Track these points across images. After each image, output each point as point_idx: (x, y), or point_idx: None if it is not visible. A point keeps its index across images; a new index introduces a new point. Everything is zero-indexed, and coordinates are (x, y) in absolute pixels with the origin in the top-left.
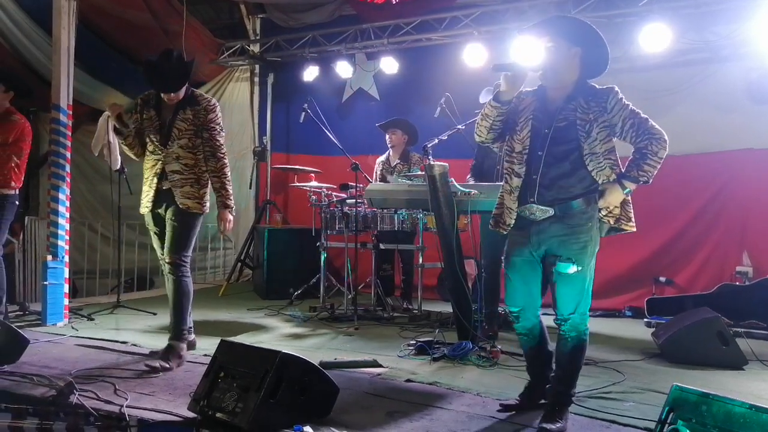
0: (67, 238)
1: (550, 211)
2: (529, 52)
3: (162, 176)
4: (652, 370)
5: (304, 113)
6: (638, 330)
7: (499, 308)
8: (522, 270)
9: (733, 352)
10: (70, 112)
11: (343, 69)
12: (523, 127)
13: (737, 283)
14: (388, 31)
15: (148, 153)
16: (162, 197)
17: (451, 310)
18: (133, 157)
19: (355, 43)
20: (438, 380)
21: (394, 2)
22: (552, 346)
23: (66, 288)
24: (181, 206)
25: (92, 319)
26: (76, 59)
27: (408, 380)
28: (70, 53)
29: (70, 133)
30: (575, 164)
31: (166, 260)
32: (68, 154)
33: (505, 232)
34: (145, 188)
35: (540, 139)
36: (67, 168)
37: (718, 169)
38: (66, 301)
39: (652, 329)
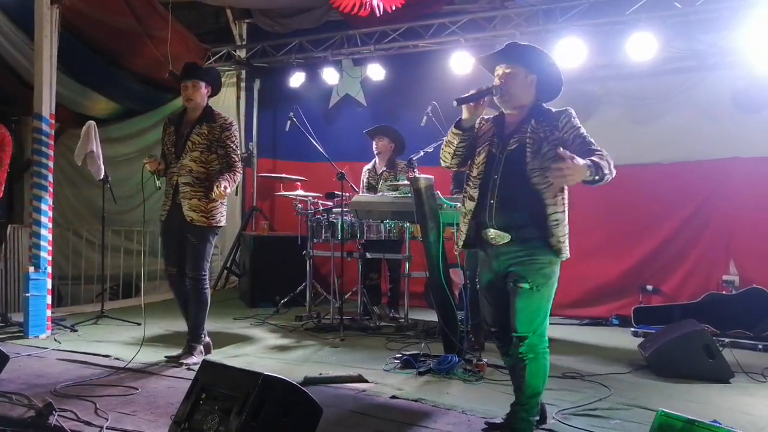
0: (50, 248)
1: (508, 237)
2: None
3: (177, 189)
4: (638, 383)
5: (289, 122)
6: (625, 339)
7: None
8: (491, 291)
9: (720, 365)
10: (53, 121)
11: (330, 75)
12: (480, 152)
13: (724, 292)
14: (375, 37)
15: (168, 167)
16: (176, 209)
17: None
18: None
19: (341, 50)
20: (423, 397)
21: (378, 15)
22: None
23: (48, 299)
24: (186, 218)
25: (75, 331)
26: (60, 64)
27: (393, 396)
28: (53, 61)
29: (52, 143)
30: (527, 184)
31: (188, 275)
32: (51, 164)
33: (456, 252)
34: (163, 199)
35: (495, 163)
36: (50, 178)
37: (705, 177)
38: (48, 313)
39: (639, 339)
